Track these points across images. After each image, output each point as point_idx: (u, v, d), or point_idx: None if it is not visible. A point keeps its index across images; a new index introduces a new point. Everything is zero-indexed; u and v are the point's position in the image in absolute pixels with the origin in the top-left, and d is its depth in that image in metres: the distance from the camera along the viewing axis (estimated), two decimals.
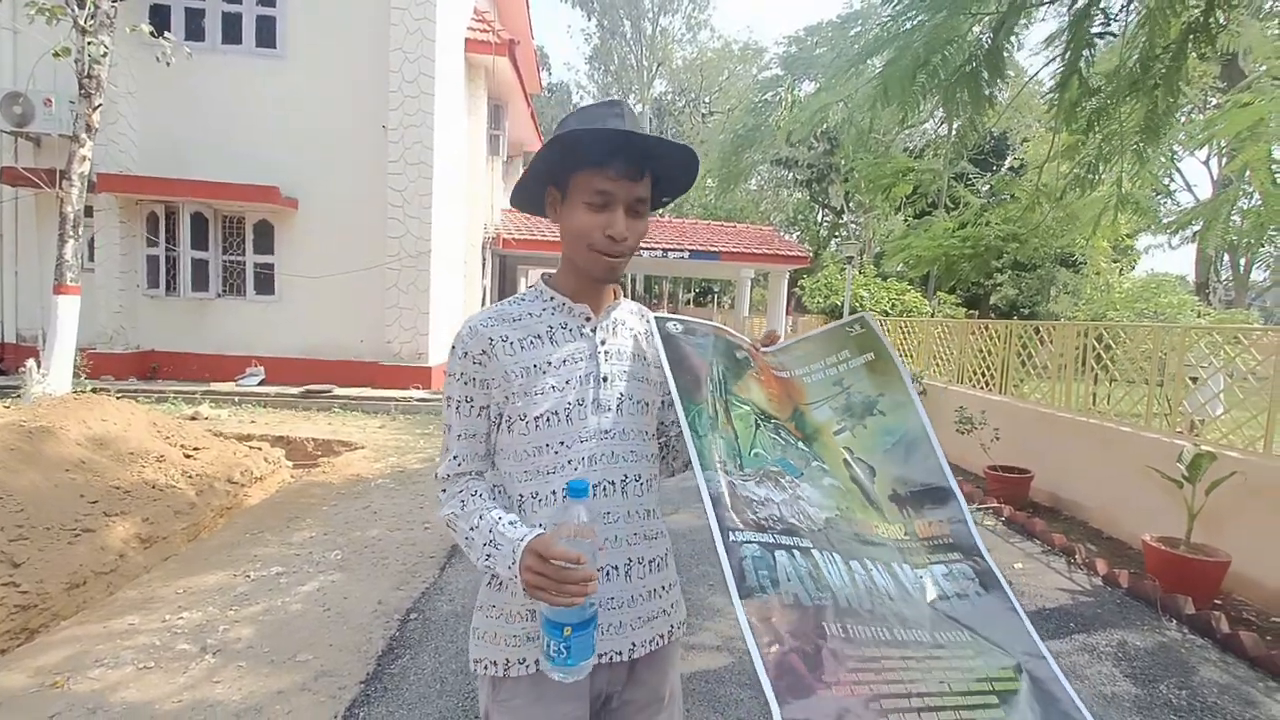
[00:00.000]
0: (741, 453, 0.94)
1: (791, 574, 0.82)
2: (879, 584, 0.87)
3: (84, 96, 5.92)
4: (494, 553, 0.92)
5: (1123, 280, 12.15)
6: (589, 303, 1.05)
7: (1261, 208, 5.18)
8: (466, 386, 1.01)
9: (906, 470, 1.01)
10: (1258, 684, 2.68)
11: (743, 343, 1.11)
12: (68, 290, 5.96)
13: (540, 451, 0.99)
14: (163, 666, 2.44)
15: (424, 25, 8.54)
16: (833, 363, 1.12)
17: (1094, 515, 4.72)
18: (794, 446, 1.00)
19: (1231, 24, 4.00)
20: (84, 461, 3.70)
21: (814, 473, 0.98)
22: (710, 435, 0.92)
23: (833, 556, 0.87)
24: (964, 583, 0.92)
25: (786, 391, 1.08)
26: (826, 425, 1.05)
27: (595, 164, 0.95)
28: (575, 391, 1.00)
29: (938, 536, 0.96)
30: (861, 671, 0.77)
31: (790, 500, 0.92)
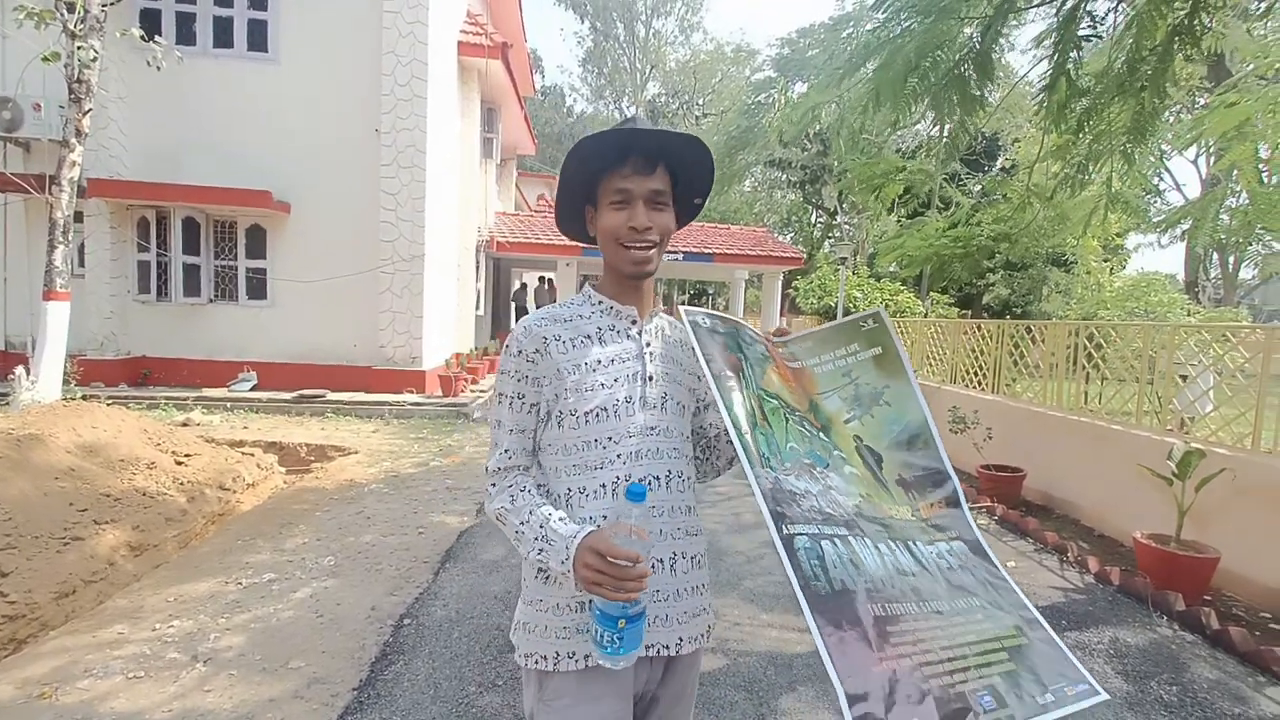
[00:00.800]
0: (780, 448, 1.00)
1: (837, 561, 0.89)
2: (901, 562, 0.94)
3: (74, 101, 5.89)
4: (546, 548, 0.96)
5: (1113, 279, 12.23)
6: (635, 305, 1.12)
7: (1249, 206, 5.24)
8: (520, 383, 1.06)
9: (909, 457, 1.09)
10: (1247, 679, 2.70)
11: (758, 336, 1.16)
12: (57, 296, 5.92)
13: (588, 446, 1.03)
14: (153, 676, 2.42)
15: (416, 28, 8.53)
16: (842, 355, 1.17)
17: (1086, 513, 4.74)
18: (817, 438, 1.07)
19: (1216, 25, 4.04)
20: (73, 469, 3.67)
21: (836, 462, 1.05)
22: (752, 433, 0.98)
23: (865, 541, 0.94)
24: (963, 556, 1.01)
25: (800, 383, 1.14)
26: (838, 414, 1.11)
27: (610, 167, 1.04)
28: (623, 389, 1.05)
29: (936, 516, 1.05)
30: (902, 645, 0.84)
31: (823, 491, 0.98)
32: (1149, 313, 9.22)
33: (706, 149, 1.07)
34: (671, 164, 1.06)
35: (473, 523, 4.28)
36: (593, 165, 1.06)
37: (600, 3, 30.76)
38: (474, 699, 2.36)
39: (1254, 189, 4.96)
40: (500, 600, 3.16)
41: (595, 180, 1.07)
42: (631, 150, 1.03)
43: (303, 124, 8.72)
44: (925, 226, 7.31)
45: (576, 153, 1.04)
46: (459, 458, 6.07)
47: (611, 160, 1.04)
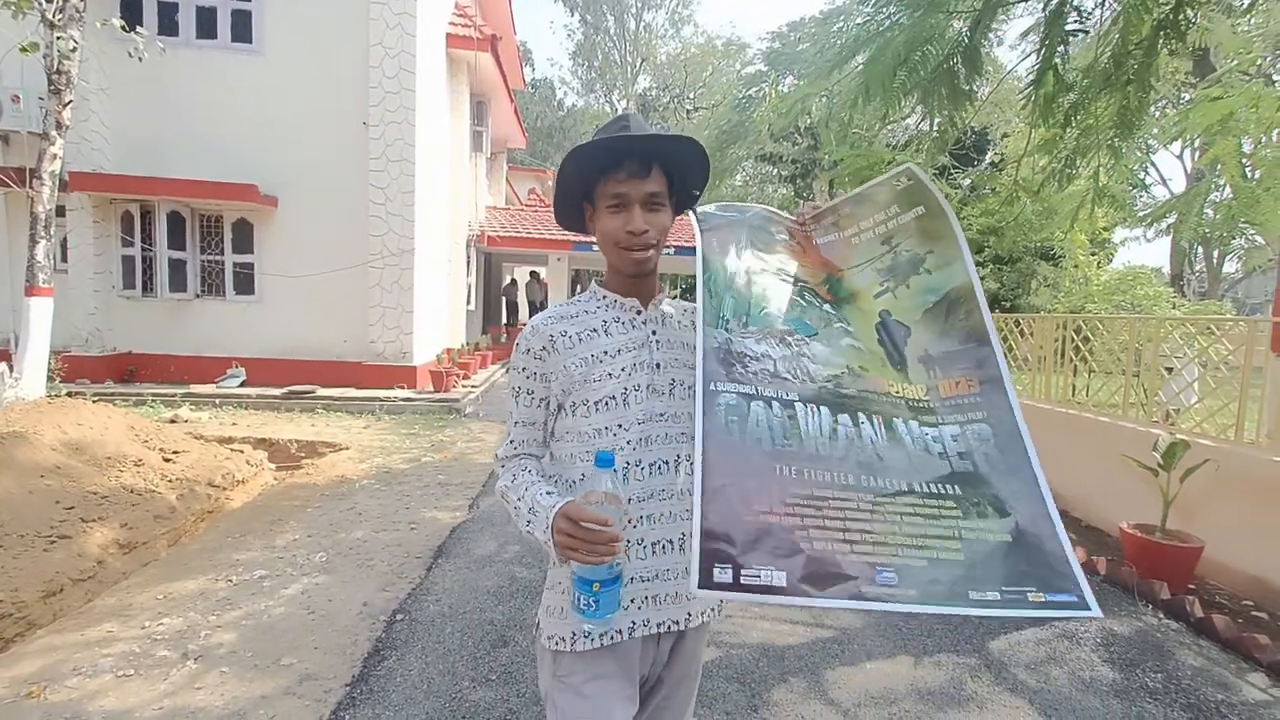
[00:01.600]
0: (750, 311, 0.99)
1: (761, 422, 0.88)
2: (864, 434, 0.90)
3: (54, 93, 5.78)
4: (533, 519, 1.01)
5: (1100, 273, 12.35)
6: (638, 297, 1.15)
7: (1233, 201, 5.30)
8: (528, 380, 1.12)
9: (944, 330, 1.00)
10: (1230, 666, 2.75)
11: (785, 219, 1.18)
12: (40, 292, 5.83)
13: (600, 433, 1.08)
14: (142, 674, 2.40)
15: (404, 20, 8.44)
16: (881, 220, 1.11)
17: (1073, 504, 4.80)
18: (816, 308, 1.04)
19: (1201, 20, 4.08)
20: (59, 467, 3.63)
21: (833, 333, 1.01)
22: (721, 294, 0.99)
23: (818, 410, 0.91)
24: (974, 443, 0.92)
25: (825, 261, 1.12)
26: (867, 289, 1.07)
27: (606, 171, 1.07)
28: (631, 377, 1.09)
29: (962, 395, 0.95)
30: (800, 506, 0.83)
31: (792, 357, 0.96)
32: (1135, 306, 9.33)
33: (700, 147, 1.09)
34: (666, 163, 1.09)
35: (465, 518, 4.28)
36: (588, 170, 1.09)
37: None
38: (467, 694, 2.36)
39: (1237, 183, 5.02)
40: (493, 595, 3.16)
41: (592, 182, 1.11)
42: (626, 155, 1.06)
43: (289, 116, 8.61)
44: None
45: (572, 159, 1.07)
46: (450, 453, 6.05)
47: (607, 164, 1.07)
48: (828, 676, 2.58)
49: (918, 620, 3.10)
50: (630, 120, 1.10)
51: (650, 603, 1.07)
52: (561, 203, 1.17)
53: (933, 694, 2.49)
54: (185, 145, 8.44)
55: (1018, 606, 0.80)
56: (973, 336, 0.98)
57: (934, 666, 2.69)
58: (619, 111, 32.36)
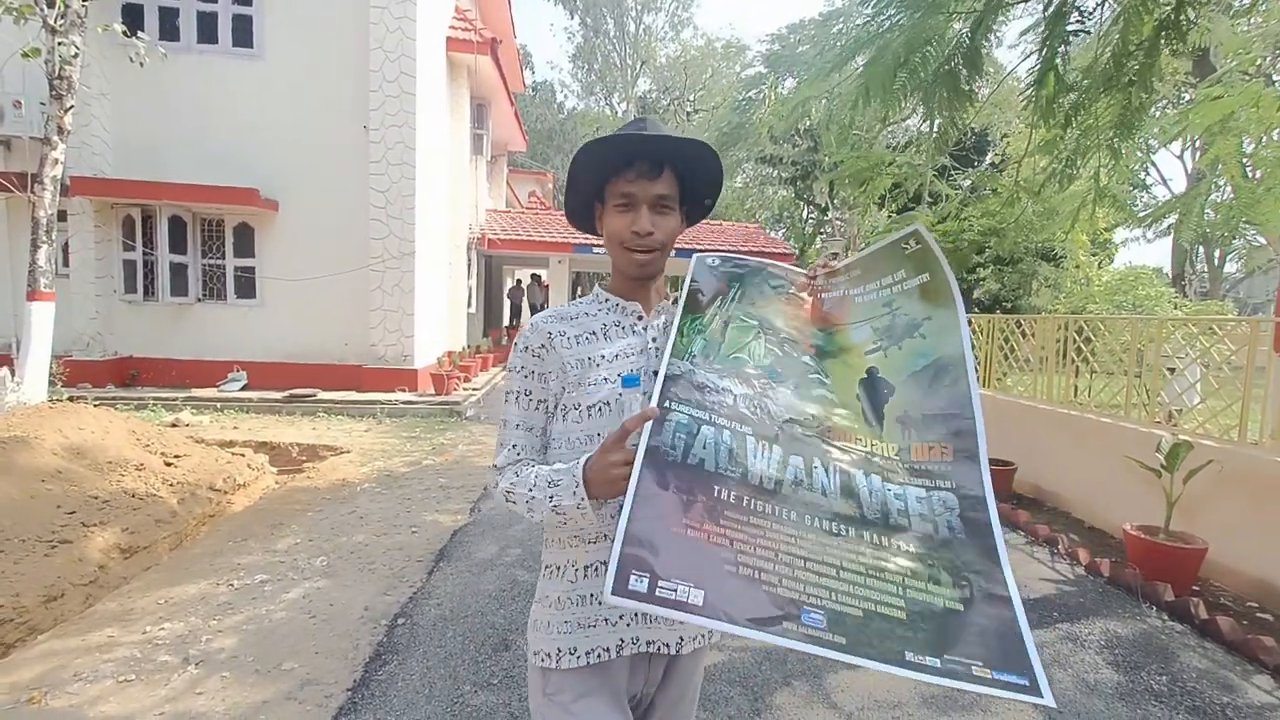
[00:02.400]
0: (720, 353, 0.99)
1: (709, 443, 0.86)
2: (816, 479, 0.86)
3: (55, 98, 5.79)
4: (557, 491, 0.95)
5: (1101, 273, 12.34)
6: (640, 302, 1.13)
7: (1233, 201, 5.29)
8: (526, 380, 1.08)
9: (928, 394, 0.96)
10: (1235, 668, 2.74)
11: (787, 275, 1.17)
12: (42, 297, 5.84)
13: (592, 439, 1.04)
14: (143, 679, 2.39)
15: (404, 24, 8.45)
16: (887, 284, 1.09)
17: (1076, 506, 4.79)
18: (793, 359, 1.02)
19: (1201, 20, 4.07)
20: (61, 471, 3.63)
21: (806, 382, 0.99)
22: (693, 336, 1.00)
23: (771, 448, 0.88)
24: (938, 509, 0.86)
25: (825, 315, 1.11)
26: (860, 345, 1.05)
27: (617, 170, 1.06)
28: None
29: (934, 461, 0.90)
30: (734, 531, 0.79)
31: (754, 396, 0.93)
32: (1136, 306, 9.31)
33: (713, 154, 1.08)
34: (678, 167, 1.08)
35: (466, 521, 4.27)
36: (599, 168, 1.08)
37: None
38: (468, 698, 2.36)
39: (1238, 183, 5.01)
40: (494, 599, 3.16)
41: (603, 180, 1.09)
42: (638, 155, 1.05)
43: (290, 121, 8.63)
44: (913, 220, 7.34)
45: (584, 154, 1.06)
46: (452, 456, 6.05)
47: (618, 163, 1.06)
48: (831, 681, 2.57)
49: None
50: (648, 122, 1.08)
51: (640, 620, 1.03)
52: (573, 200, 1.15)
53: (937, 698, 2.48)
54: (186, 149, 8.46)
55: (959, 678, 0.73)
56: (955, 404, 0.94)
57: None
58: (619, 114, 32.40)
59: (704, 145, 1.07)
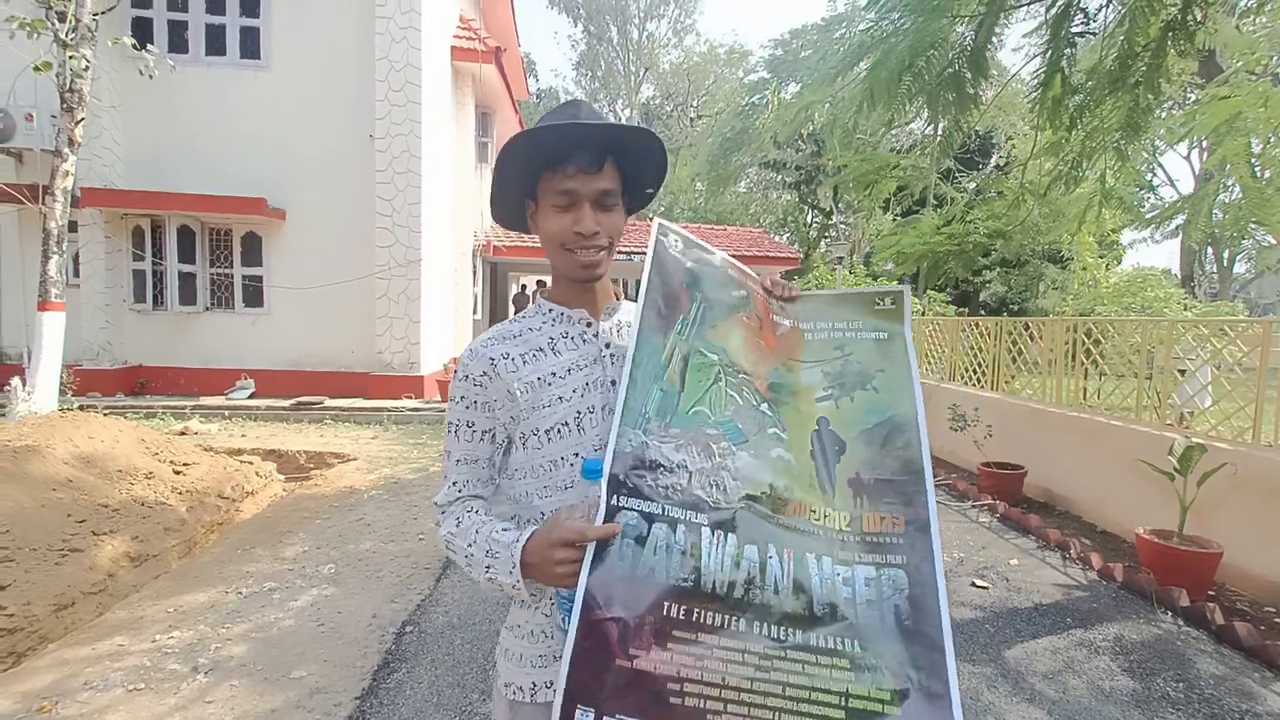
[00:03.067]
0: (678, 409, 0.89)
1: (660, 548, 0.80)
2: (770, 573, 0.82)
3: (66, 111, 5.86)
4: (493, 564, 0.89)
5: (1109, 275, 12.26)
6: (587, 306, 1.04)
7: (1242, 201, 5.26)
8: (468, 410, 0.98)
9: (880, 456, 0.92)
10: (1253, 674, 2.70)
11: (748, 282, 1.05)
12: (52, 307, 5.89)
13: (555, 466, 0.96)
14: (153, 688, 2.40)
15: (409, 34, 8.53)
16: (842, 327, 1.04)
17: (1087, 509, 4.74)
18: (754, 408, 0.93)
19: (1208, 21, 4.06)
20: (71, 480, 3.65)
21: (764, 440, 0.91)
22: (649, 386, 0.89)
23: (726, 538, 0.82)
24: (887, 591, 0.83)
25: (778, 345, 1.01)
26: (810, 389, 0.98)
27: (551, 165, 0.95)
28: (584, 399, 0.98)
29: (885, 533, 0.87)
30: (680, 654, 0.76)
31: (711, 470, 0.86)
32: (1145, 308, 9.24)
33: (658, 141, 0.98)
34: (620, 158, 0.98)
35: None
36: (532, 162, 0.97)
37: (593, 6, 30.81)
38: (477, 706, 2.35)
39: (1246, 183, 4.98)
40: (502, 606, 3.15)
41: (535, 175, 0.98)
42: (576, 146, 0.94)
43: (296, 131, 8.70)
44: (920, 224, 7.34)
45: (513, 148, 0.94)
46: None
47: (553, 156, 0.94)
48: None
49: None
50: (581, 108, 0.98)
51: None
52: (500, 197, 1.03)
53: None
54: (195, 160, 8.54)
55: None
56: (908, 470, 0.91)
57: None
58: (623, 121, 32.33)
59: (647, 132, 0.97)
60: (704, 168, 7.45)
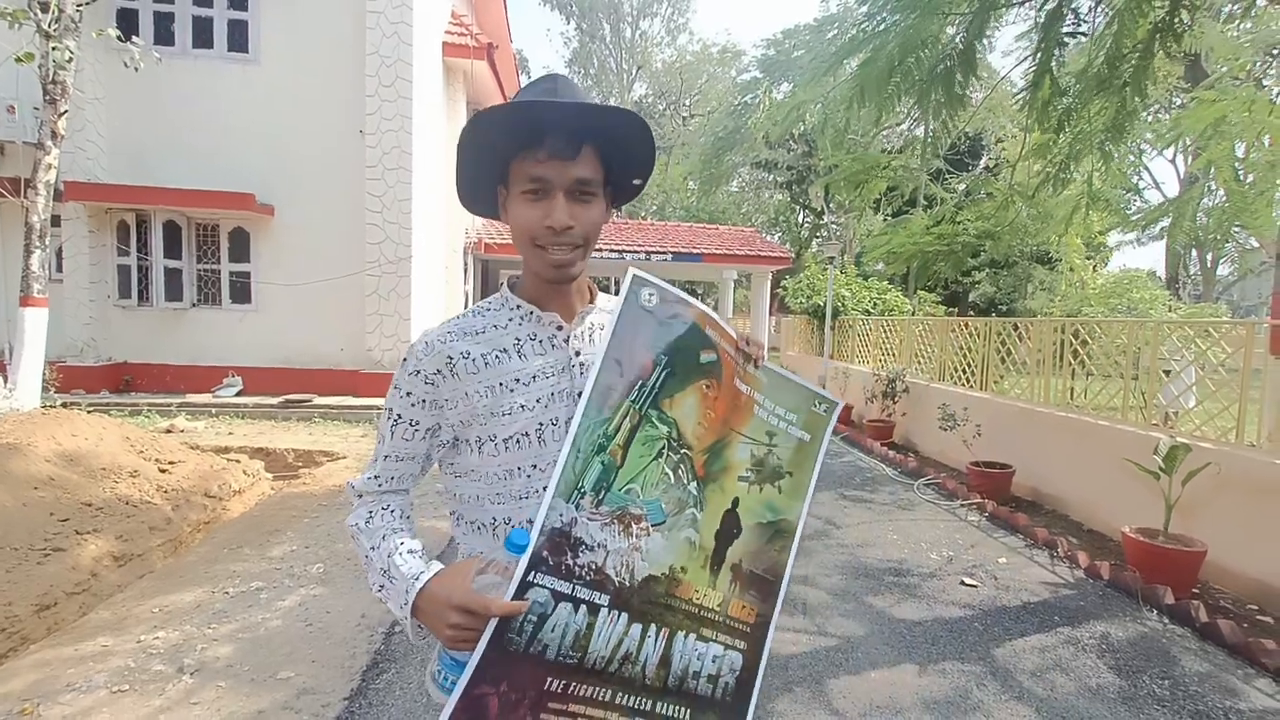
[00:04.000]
0: (612, 485, 0.87)
1: (558, 625, 0.80)
2: (644, 651, 0.86)
3: (49, 103, 5.76)
4: (388, 585, 0.85)
5: (1096, 276, 12.40)
6: (559, 309, 0.95)
7: (1226, 204, 5.33)
8: (412, 408, 0.91)
9: (761, 551, 1.00)
10: (1236, 671, 2.74)
11: (719, 342, 0.99)
12: (34, 302, 5.79)
13: (512, 475, 0.91)
14: (137, 689, 2.36)
15: (400, 29, 8.45)
16: (780, 414, 1.06)
17: (1074, 508, 4.79)
18: (683, 487, 0.93)
19: (1195, 25, 4.11)
20: (53, 478, 3.59)
21: (680, 522, 0.92)
22: (591, 456, 0.86)
23: (620, 617, 0.85)
24: (724, 670, 0.93)
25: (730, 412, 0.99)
26: (737, 466, 0.99)
27: (523, 147, 0.85)
28: (548, 410, 0.91)
29: (739, 620, 0.96)
30: None
31: (625, 552, 0.86)
32: (1131, 309, 9.36)
33: (643, 124, 0.88)
34: (601, 143, 0.88)
35: None
36: (501, 144, 0.87)
37: (586, 3, 30.72)
38: None
39: (1230, 186, 5.05)
40: None
41: (506, 159, 0.88)
42: (550, 128, 0.83)
43: (285, 125, 8.61)
44: (910, 224, 7.38)
45: (476, 128, 0.85)
46: None
47: (524, 138, 0.84)
48: (831, 686, 2.56)
49: (921, 628, 3.08)
50: (559, 83, 0.88)
51: None
52: (467, 182, 0.95)
53: (938, 703, 2.47)
54: (181, 154, 8.43)
55: None
56: (774, 572, 1.00)
57: (939, 675, 2.67)
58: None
59: (630, 114, 0.87)
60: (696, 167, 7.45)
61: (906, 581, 3.62)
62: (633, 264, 1.05)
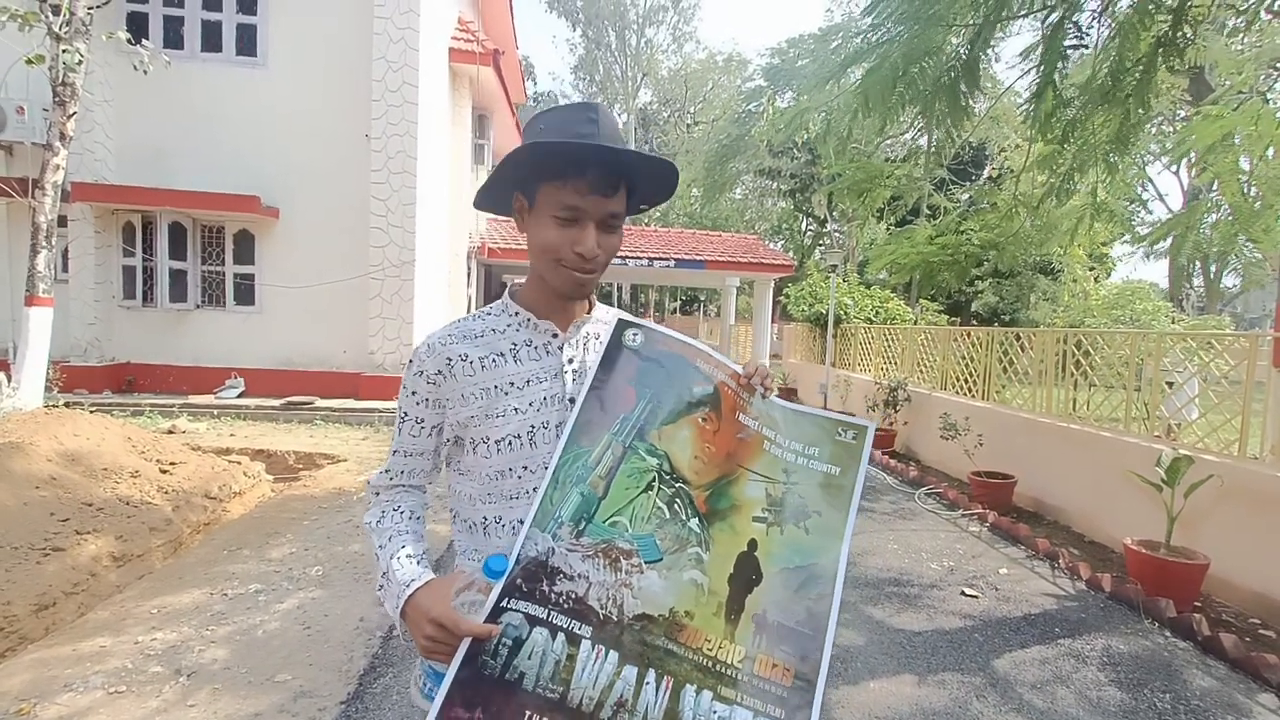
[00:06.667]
0: (594, 518, 0.85)
1: (535, 652, 0.78)
2: (644, 699, 0.79)
3: (58, 104, 5.81)
4: (386, 585, 0.90)
5: (1099, 287, 12.39)
6: (556, 318, 1.00)
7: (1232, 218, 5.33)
8: (418, 406, 0.98)
9: (791, 600, 0.89)
10: (1239, 685, 2.72)
11: (716, 375, 0.97)
12: (40, 302, 5.82)
13: (503, 476, 0.95)
14: (134, 690, 2.36)
15: (407, 35, 8.51)
16: (797, 450, 0.98)
17: (1076, 519, 4.77)
18: (682, 523, 0.88)
19: (1198, 39, 4.12)
20: (54, 478, 3.60)
21: (681, 560, 0.86)
22: (569, 488, 0.85)
23: (608, 654, 0.79)
24: None
25: (734, 448, 0.94)
26: (750, 505, 0.92)
27: (565, 177, 0.89)
28: (540, 414, 0.95)
29: (773, 681, 0.84)
30: None
31: (611, 585, 0.82)
32: (1134, 320, 9.34)
33: (676, 174, 0.96)
34: (633, 181, 0.95)
35: None
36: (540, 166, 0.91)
37: (592, 11, 30.92)
38: None
39: (1235, 201, 5.05)
40: None
41: (540, 178, 0.92)
42: (595, 167, 0.88)
43: (292, 129, 8.66)
44: (914, 234, 7.39)
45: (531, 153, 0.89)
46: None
47: (568, 168, 0.88)
48: (830, 696, 2.54)
49: (921, 638, 3.06)
50: (600, 119, 0.91)
51: None
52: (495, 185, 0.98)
53: (937, 714, 2.45)
54: (188, 156, 8.48)
55: None
56: (813, 623, 0.87)
57: (938, 686, 2.65)
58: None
59: (670, 166, 0.94)
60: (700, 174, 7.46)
61: (907, 591, 3.61)
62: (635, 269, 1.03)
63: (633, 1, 30.46)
